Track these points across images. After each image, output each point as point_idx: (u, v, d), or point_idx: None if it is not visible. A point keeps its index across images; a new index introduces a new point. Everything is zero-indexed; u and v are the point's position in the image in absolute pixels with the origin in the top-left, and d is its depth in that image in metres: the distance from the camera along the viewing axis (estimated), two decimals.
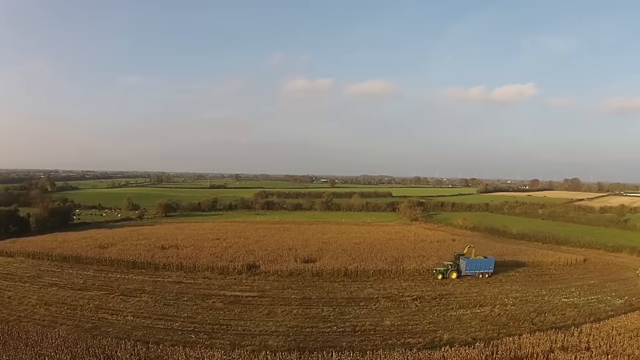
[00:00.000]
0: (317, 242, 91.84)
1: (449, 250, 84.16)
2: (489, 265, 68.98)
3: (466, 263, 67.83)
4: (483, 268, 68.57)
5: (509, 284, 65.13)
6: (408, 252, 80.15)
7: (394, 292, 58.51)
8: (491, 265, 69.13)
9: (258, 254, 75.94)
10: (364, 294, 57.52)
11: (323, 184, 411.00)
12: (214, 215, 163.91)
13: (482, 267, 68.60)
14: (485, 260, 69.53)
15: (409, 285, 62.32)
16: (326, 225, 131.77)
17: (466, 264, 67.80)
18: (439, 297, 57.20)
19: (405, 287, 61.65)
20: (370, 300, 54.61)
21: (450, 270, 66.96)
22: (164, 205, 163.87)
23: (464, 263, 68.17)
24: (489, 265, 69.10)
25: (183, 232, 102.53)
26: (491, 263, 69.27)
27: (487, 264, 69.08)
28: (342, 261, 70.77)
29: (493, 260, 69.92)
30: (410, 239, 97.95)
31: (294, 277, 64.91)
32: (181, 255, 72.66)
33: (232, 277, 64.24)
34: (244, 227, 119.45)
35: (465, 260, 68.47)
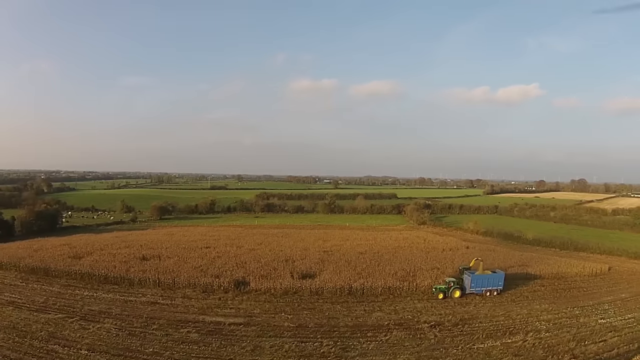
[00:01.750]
0: (318, 251, 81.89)
1: (464, 260, 74.37)
2: (497, 282, 59.27)
3: (471, 279, 58.11)
4: (491, 285, 58.81)
5: (537, 301, 55.86)
6: (420, 264, 70.11)
7: (408, 317, 48.50)
8: (500, 281, 59.49)
9: (249, 266, 66.01)
10: (371, 319, 47.51)
11: (326, 185, 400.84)
12: (211, 219, 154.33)
13: (490, 284, 58.80)
14: (494, 276, 59.60)
15: (424, 307, 52.28)
16: (328, 230, 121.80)
17: (471, 280, 58.08)
18: (460, 322, 47.30)
19: (420, 309, 51.63)
20: (380, 328, 44.56)
21: (453, 287, 57.18)
22: (159, 207, 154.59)
23: (468, 279, 58.54)
24: (498, 281, 59.37)
25: (172, 238, 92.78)
26: (500, 279, 59.61)
27: (495, 280, 59.27)
28: (345, 276, 60.77)
29: (502, 275, 60.27)
30: (420, 247, 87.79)
31: (289, 297, 54.90)
32: (161, 269, 62.82)
33: (215, 297, 54.27)
34: (239, 232, 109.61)
35: (470, 275, 58.65)
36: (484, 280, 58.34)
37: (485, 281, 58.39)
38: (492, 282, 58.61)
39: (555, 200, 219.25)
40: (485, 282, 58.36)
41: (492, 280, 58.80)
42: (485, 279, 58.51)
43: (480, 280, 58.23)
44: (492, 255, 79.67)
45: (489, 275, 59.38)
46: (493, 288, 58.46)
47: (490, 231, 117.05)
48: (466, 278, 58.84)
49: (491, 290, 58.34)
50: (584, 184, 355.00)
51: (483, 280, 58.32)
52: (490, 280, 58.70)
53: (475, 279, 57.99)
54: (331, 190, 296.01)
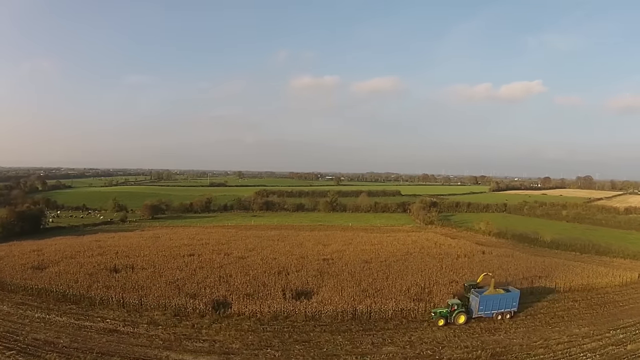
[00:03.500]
0: (317, 259, 71.09)
1: (482, 268, 63.82)
2: (511, 302, 47.98)
3: (479, 301, 46.59)
4: (503, 306, 47.39)
5: (574, 322, 46.10)
6: (435, 275, 59.34)
7: (427, 353, 37.86)
8: (515, 301, 48.29)
9: (235, 281, 55.32)
10: (381, 357, 36.79)
11: (328, 182, 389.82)
12: (206, 218, 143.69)
13: (502, 305, 47.36)
14: (507, 296, 48.06)
15: (445, 337, 41.58)
16: (330, 231, 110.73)
17: (479, 302, 46.58)
18: (492, 357, 36.94)
19: (441, 340, 40.95)
20: None
21: (457, 311, 45.71)
22: (150, 207, 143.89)
23: (475, 300, 47.00)
24: (512, 301, 48.08)
25: (155, 243, 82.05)
26: (515, 299, 48.32)
27: (509, 300, 47.85)
28: (348, 294, 50.02)
29: (517, 295, 48.71)
30: (431, 252, 76.81)
31: (278, 324, 44.08)
32: (130, 284, 52.10)
33: (188, 323, 43.48)
34: (232, 234, 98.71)
35: (478, 296, 47.06)
36: (494, 302, 47.11)
37: (497, 302, 47.15)
38: (504, 303, 47.42)
39: (564, 198, 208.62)
40: (497, 303, 47.14)
41: (505, 301, 47.54)
42: (496, 300, 47.18)
43: (491, 301, 47.01)
44: (511, 263, 68.93)
45: (501, 295, 47.84)
46: (506, 310, 47.34)
47: (504, 232, 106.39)
48: (473, 299, 47.52)
49: (503, 313, 47.21)
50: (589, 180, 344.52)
51: (494, 302, 47.08)
52: (503, 301, 47.41)
53: (485, 300, 46.81)
54: (333, 187, 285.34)
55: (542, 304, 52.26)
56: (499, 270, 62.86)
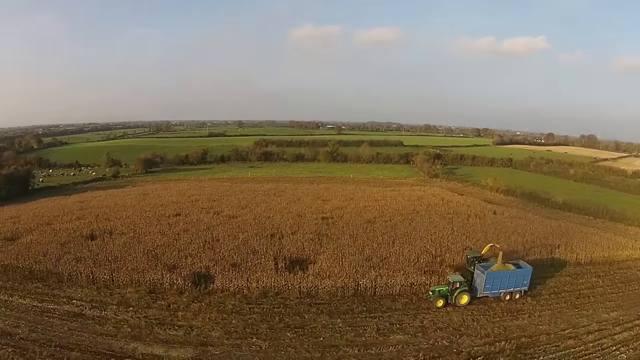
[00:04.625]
0: (315, 218, 63.94)
1: (496, 232, 57.17)
2: (522, 280, 40.38)
3: (485, 278, 38.98)
4: (513, 285, 39.90)
5: (601, 304, 39.40)
6: (446, 240, 52.40)
7: (443, 343, 31.33)
8: (526, 279, 40.67)
9: (222, 247, 48.33)
10: (389, 350, 30.22)
11: (329, 131, 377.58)
12: (202, 170, 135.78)
13: (512, 284, 39.86)
14: (518, 273, 40.40)
15: (462, 321, 35.07)
16: (330, 184, 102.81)
17: (486, 279, 39.00)
18: (517, 349, 30.38)
19: (458, 325, 34.46)
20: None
21: (459, 290, 38.25)
22: (144, 160, 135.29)
23: (481, 277, 39.38)
24: (523, 279, 40.47)
25: (142, 201, 74.76)
26: (526, 276, 40.66)
27: (519, 278, 40.24)
28: (350, 264, 43.17)
29: (529, 271, 40.92)
30: (439, 211, 69.56)
31: (267, 303, 37.44)
32: (103, 255, 44.97)
33: (164, 303, 36.80)
34: (226, 188, 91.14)
35: (484, 272, 39.35)
36: (503, 279, 39.49)
37: (506, 280, 39.57)
38: (514, 282, 39.92)
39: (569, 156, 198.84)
40: (506, 281, 39.57)
41: (515, 278, 40.00)
42: (505, 277, 39.53)
43: (499, 278, 39.36)
44: (526, 227, 61.34)
45: (511, 272, 40.12)
46: (515, 290, 40.09)
47: (513, 190, 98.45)
48: (478, 275, 39.89)
49: (513, 292, 40.02)
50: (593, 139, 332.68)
51: (502, 279, 39.47)
52: (513, 278, 39.87)
53: (492, 278, 39.17)
54: (334, 136, 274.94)
55: (564, 278, 45.52)
56: (514, 236, 55.78)
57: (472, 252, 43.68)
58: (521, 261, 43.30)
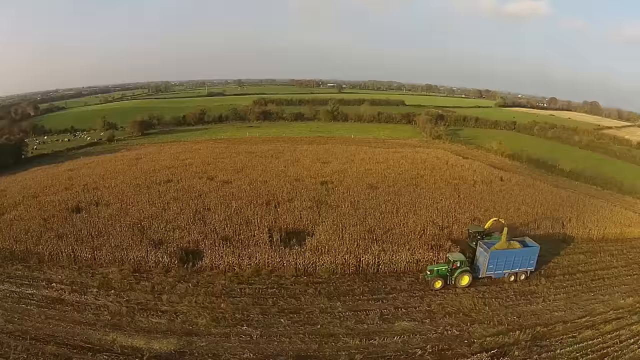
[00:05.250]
0: (314, 182, 59.66)
1: (505, 201, 53.11)
2: (528, 260, 36.02)
3: (488, 257, 34.64)
4: (519, 265, 35.66)
5: (616, 288, 35.73)
6: (453, 210, 48.32)
7: (454, 332, 27.77)
8: (533, 258, 36.31)
9: (213, 217, 44.19)
10: (394, 340, 26.72)
11: (330, 90, 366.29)
12: (199, 131, 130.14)
13: (518, 264, 35.61)
14: (524, 252, 35.84)
15: (473, 305, 31.41)
16: (330, 145, 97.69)
17: (488, 258, 34.67)
18: (533, 340, 27.16)
19: (469, 309, 30.90)
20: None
21: (460, 270, 34.02)
22: (140, 122, 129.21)
23: (484, 256, 35.01)
24: (530, 259, 36.09)
25: (134, 167, 69.91)
26: (533, 255, 36.26)
27: (525, 257, 35.80)
28: (351, 236, 39.25)
29: (537, 250, 36.46)
30: (444, 176, 65.04)
31: (261, 282, 33.73)
32: (86, 231, 40.81)
33: (148, 285, 33.13)
34: (222, 150, 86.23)
35: (487, 250, 34.94)
36: (508, 259, 35.17)
37: (511, 260, 35.23)
38: (520, 261, 35.61)
39: (573, 122, 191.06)
40: (511, 260, 35.26)
41: (521, 258, 35.62)
42: (510, 257, 35.15)
43: (503, 258, 35.06)
44: (536, 197, 56.71)
45: (517, 251, 35.58)
46: (521, 270, 35.93)
47: (518, 155, 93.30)
48: (481, 254, 35.53)
49: (518, 273, 35.93)
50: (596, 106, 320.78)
51: (507, 259, 35.15)
52: (518, 258, 35.49)
53: (496, 257, 34.83)
54: (335, 95, 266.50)
55: (577, 256, 41.57)
56: (523, 206, 51.47)
57: (474, 227, 39.14)
58: (527, 238, 38.39)
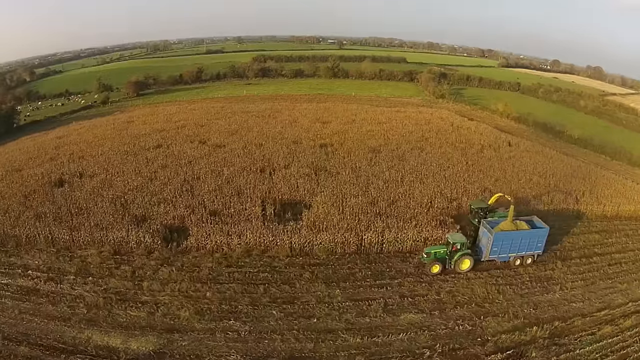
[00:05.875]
0: (313, 145, 54.79)
1: (514, 169, 48.56)
2: (536, 242, 31.22)
3: (493, 239, 30.00)
4: (525, 247, 30.93)
5: (634, 275, 31.67)
6: (461, 178, 43.90)
7: (466, 327, 24.34)
8: (542, 241, 31.51)
9: (202, 187, 39.93)
10: (399, 338, 23.22)
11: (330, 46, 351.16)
12: (196, 89, 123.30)
13: (525, 247, 30.87)
14: (532, 234, 31.06)
15: (486, 294, 27.76)
16: (330, 104, 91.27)
17: (493, 240, 30.03)
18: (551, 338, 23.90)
19: (481, 298, 27.35)
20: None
21: (460, 254, 29.63)
22: (134, 83, 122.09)
23: (488, 237, 30.38)
24: (538, 242, 31.28)
25: (124, 132, 63.57)
26: (542, 238, 31.45)
27: (533, 239, 31.02)
28: (352, 209, 35.21)
29: (546, 233, 31.56)
30: (450, 139, 59.87)
31: (251, 265, 29.92)
32: (66, 208, 36.28)
33: (128, 269, 29.23)
34: (217, 110, 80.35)
35: (491, 232, 30.17)
36: (514, 241, 30.34)
37: (517, 242, 30.42)
38: (527, 244, 30.81)
39: (578, 86, 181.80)
40: (517, 243, 30.46)
41: (529, 240, 30.79)
42: (516, 239, 30.30)
43: (509, 240, 30.23)
44: (546, 166, 51.83)
45: (524, 232, 30.74)
46: (528, 253, 31.24)
47: (525, 118, 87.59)
48: (484, 235, 30.97)
49: (524, 256, 31.26)
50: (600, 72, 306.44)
51: (513, 241, 30.31)
52: (526, 240, 30.65)
53: (501, 240, 30.11)
54: (335, 52, 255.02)
55: (593, 236, 37.23)
56: (535, 177, 46.77)
57: (477, 202, 34.68)
58: (535, 217, 33.35)
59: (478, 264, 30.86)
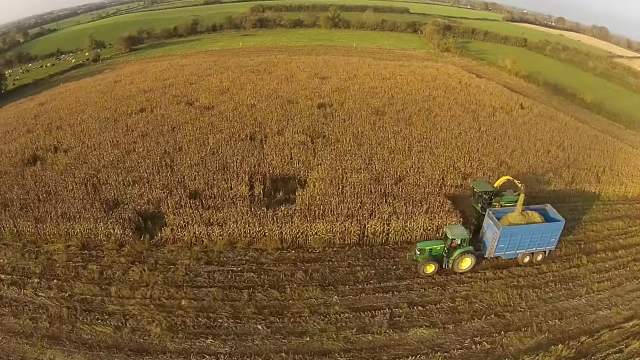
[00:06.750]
0: (310, 105, 48.22)
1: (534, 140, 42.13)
2: (549, 237, 25.71)
3: (499, 234, 24.33)
4: (536, 243, 25.48)
5: None
6: (475, 148, 38.31)
7: (485, 348, 20.10)
8: (555, 235, 25.95)
9: (182, 162, 34.45)
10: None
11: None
12: (190, 42, 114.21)
13: (535, 242, 25.41)
14: (544, 228, 25.46)
15: (507, 298, 23.33)
16: (330, 56, 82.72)
17: (499, 236, 24.41)
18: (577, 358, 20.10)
19: (501, 303, 22.93)
20: None
21: (461, 251, 24.22)
22: (127, 38, 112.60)
23: (494, 232, 24.80)
24: (551, 236, 25.75)
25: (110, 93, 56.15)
26: (555, 232, 25.87)
27: (546, 234, 25.47)
28: (352, 188, 30.12)
29: (561, 225, 25.88)
30: (459, 99, 53.02)
31: (234, 261, 25.11)
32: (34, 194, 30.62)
33: (96, 269, 24.45)
34: (210, 65, 72.11)
35: (498, 226, 24.51)
36: (524, 237, 24.84)
37: (527, 238, 24.92)
38: (538, 240, 25.33)
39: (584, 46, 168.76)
40: (527, 239, 24.97)
41: (541, 235, 25.24)
42: (526, 234, 24.78)
43: (518, 236, 24.74)
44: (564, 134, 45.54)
45: (535, 226, 25.10)
46: (539, 250, 26.01)
47: (534, 77, 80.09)
48: (489, 228, 25.35)
49: (535, 253, 26.11)
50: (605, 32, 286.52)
51: (523, 237, 24.82)
52: (537, 235, 25.09)
53: (508, 235, 24.54)
54: (336, 1, 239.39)
55: (616, 223, 32.07)
56: (552, 147, 40.87)
57: (481, 183, 28.17)
58: (549, 206, 27.25)
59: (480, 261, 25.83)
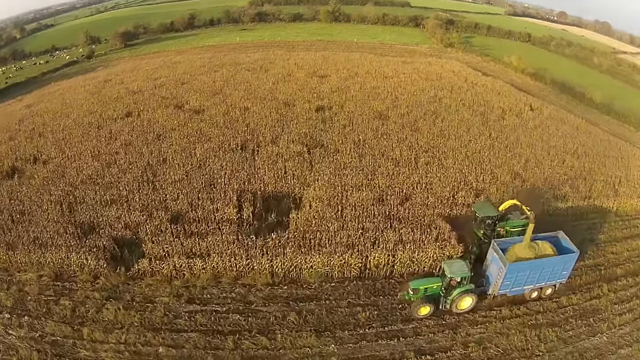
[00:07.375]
0: (308, 108, 44.69)
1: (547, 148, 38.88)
2: (561, 270, 22.05)
3: (506, 271, 20.60)
4: (547, 277, 21.88)
5: None
6: (486, 158, 35.08)
7: None
8: (567, 268, 22.34)
9: (168, 175, 31.37)
10: None
11: None
12: (187, 37, 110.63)
13: (546, 276, 21.79)
14: (556, 261, 21.73)
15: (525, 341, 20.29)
16: (330, 52, 78.77)
17: (505, 272, 20.67)
18: None
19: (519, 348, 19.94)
20: None
21: (460, 290, 20.64)
22: (122, 34, 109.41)
23: (499, 268, 21.01)
24: (563, 269, 22.11)
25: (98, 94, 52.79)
26: (568, 265, 22.25)
27: (557, 268, 21.81)
28: (353, 209, 27.28)
29: (574, 257, 22.14)
30: (466, 99, 49.78)
31: (219, 300, 22.11)
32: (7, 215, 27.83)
33: (68, 305, 21.56)
34: (204, 63, 68.18)
35: (504, 262, 20.65)
36: (533, 272, 21.46)
37: (537, 272, 21.55)
38: (549, 274, 21.94)
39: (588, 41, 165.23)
40: (536, 274, 21.61)
41: (552, 268, 21.82)
42: (536, 270, 21.41)
43: (526, 271, 21.32)
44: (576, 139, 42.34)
45: (545, 261, 21.58)
46: (549, 284, 22.67)
47: (541, 75, 76.66)
48: (494, 261, 21.76)
49: (544, 287, 22.74)
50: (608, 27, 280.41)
51: (532, 272, 21.44)
52: (548, 269, 21.68)
53: (515, 272, 21.09)
54: None
55: (636, 242, 28.98)
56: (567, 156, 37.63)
57: (484, 207, 24.31)
58: (562, 233, 23.65)
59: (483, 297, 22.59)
